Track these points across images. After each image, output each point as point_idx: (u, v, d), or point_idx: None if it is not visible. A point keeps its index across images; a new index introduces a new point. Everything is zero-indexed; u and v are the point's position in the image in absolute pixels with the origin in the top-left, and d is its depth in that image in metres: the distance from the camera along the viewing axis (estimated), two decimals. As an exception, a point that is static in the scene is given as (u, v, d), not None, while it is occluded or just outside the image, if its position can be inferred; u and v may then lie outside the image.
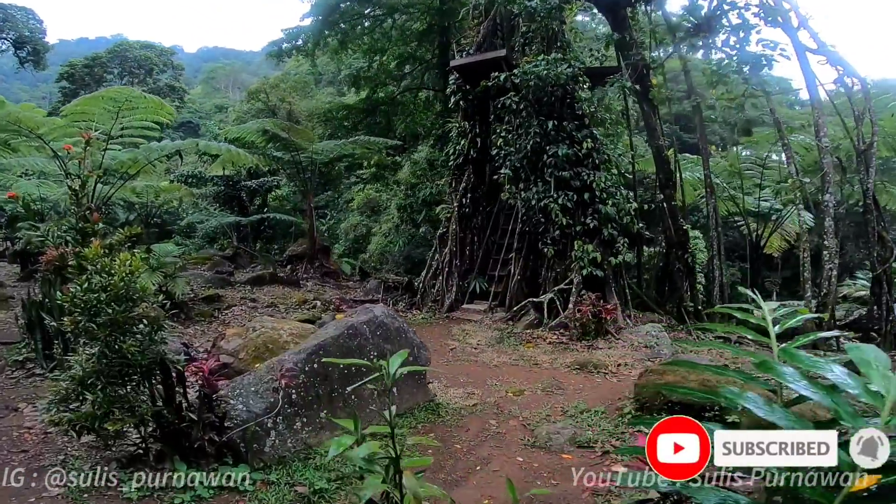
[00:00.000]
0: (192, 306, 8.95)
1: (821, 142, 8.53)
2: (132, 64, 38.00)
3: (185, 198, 17.35)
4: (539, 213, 8.67)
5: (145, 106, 8.70)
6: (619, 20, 10.22)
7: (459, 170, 10.51)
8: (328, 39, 15.99)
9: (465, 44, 10.82)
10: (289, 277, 12.65)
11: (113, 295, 2.88)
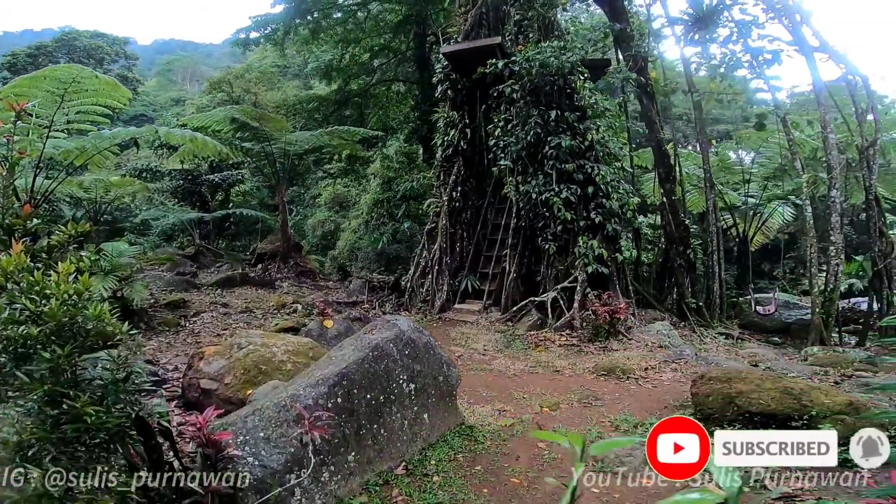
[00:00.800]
0: (154, 314, 7.85)
1: (828, 138, 8.33)
2: (81, 53, 35.30)
3: (140, 193, 15.81)
4: (540, 207, 8.11)
5: (96, 88, 7.56)
6: (617, 12, 9.85)
7: (448, 162, 9.85)
8: (299, 28, 14.99)
9: (451, 32, 10.24)
10: (261, 278, 11.61)
11: (52, 329, 1.91)
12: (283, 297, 10.15)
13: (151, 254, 14.45)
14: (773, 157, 12.89)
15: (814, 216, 9.12)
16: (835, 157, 8.39)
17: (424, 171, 12.64)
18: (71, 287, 1.98)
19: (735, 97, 8.56)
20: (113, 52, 37.03)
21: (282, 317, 8.36)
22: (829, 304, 8.23)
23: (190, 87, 53.21)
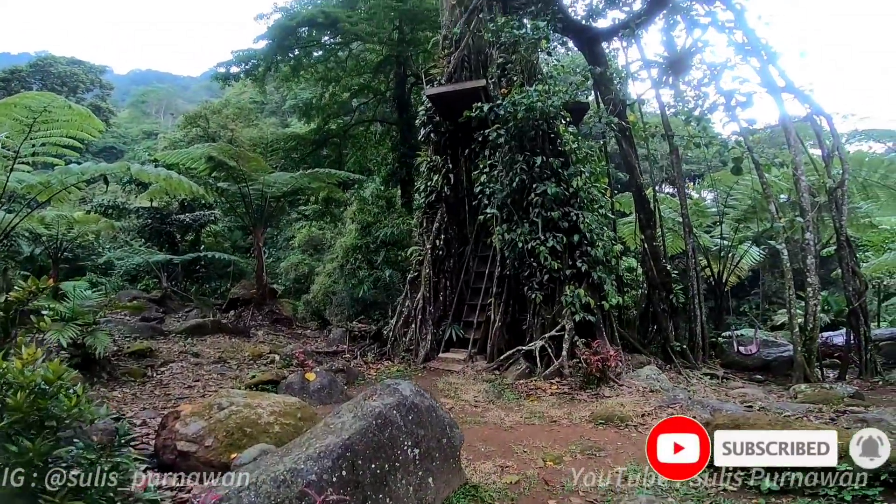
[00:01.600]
0: (118, 363, 7.27)
1: (799, 180, 8.61)
2: (55, 80, 34.53)
3: (104, 231, 15.07)
4: (527, 256, 8.00)
5: (68, 118, 7.24)
6: (596, 55, 10.14)
7: (431, 208, 9.68)
8: (280, 65, 15.01)
9: (434, 73, 10.26)
10: (235, 325, 11.03)
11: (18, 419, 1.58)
12: (259, 346, 9.63)
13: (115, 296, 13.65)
14: (742, 198, 13.35)
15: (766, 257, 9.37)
16: (807, 199, 8.64)
17: (404, 215, 12.49)
18: (38, 375, 1.69)
19: (711, 141, 8.80)
20: (88, 80, 36.40)
21: (259, 368, 7.86)
22: (811, 341, 8.37)
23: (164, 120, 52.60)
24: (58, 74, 34.98)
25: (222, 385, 6.98)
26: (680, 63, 9.21)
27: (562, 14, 9.92)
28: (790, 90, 8.74)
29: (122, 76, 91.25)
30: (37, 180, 7.42)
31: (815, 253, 8.72)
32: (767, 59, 8.72)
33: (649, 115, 14.73)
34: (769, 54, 8.73)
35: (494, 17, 9.32)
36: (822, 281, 14.65)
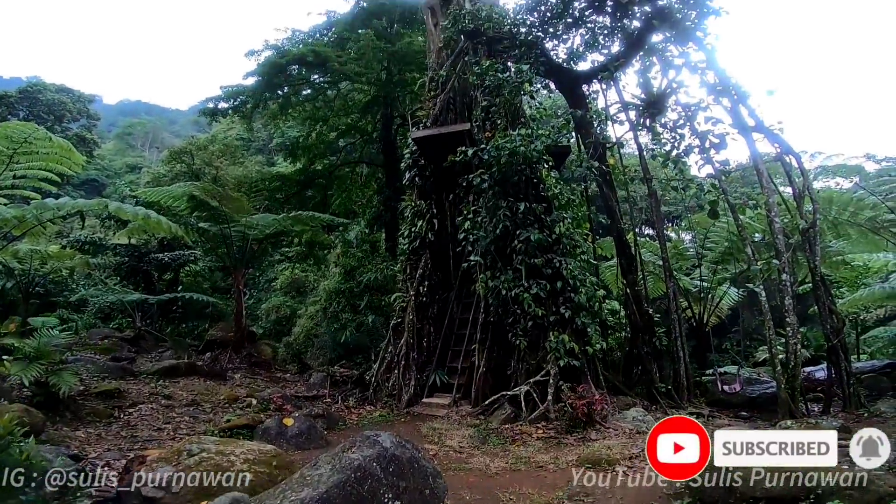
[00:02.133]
0: (83, 403, 6.95)
1: (773, 222, 8.83)
2: (42, 108, 34.34)
3: (79, 267, 14.65)
4: (510, 304, 7.96)
5: (48, 151, 7.18)
6: (577, 97, 10.42)
7: (415, 254, 9.67)
8: (269, 103, 15.19)
9: (420, 115, 10.38)
10: (210, 368, 10.68)
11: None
12: (236, 389, 9.32)
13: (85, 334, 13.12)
14: (719, 241, 13.67)
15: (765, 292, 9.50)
16: (781, 241, 8.84)
17: (388, 260, 12.46)
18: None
19: (688, 184, 9.03)
20: (75, 109, 36.30)
21: (234, 412, 7.59)
22: (793, 378, 8.44)
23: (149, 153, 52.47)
24: (45, 102, 34.91)
25: (194, 429, 6.70)
26: (656, 105, 9.51)
27: (544, 57, 10.18)
28: (760, 130, 8.92)
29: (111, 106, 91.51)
30: (11, 214, 7.20)
31: (792, 293, 8.87)
32: (738, 99, 8.94)
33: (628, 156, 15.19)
34: (739, 94, 8.95)
35: (479, 60, 9.56)
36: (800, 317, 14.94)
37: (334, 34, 16.28)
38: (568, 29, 10.70)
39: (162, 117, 78.56)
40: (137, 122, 65.41)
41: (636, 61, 10.39)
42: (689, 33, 9.35)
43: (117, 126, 64.39)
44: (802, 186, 9.30)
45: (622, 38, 10.41)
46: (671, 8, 9.51)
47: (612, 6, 10.11)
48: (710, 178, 9.03)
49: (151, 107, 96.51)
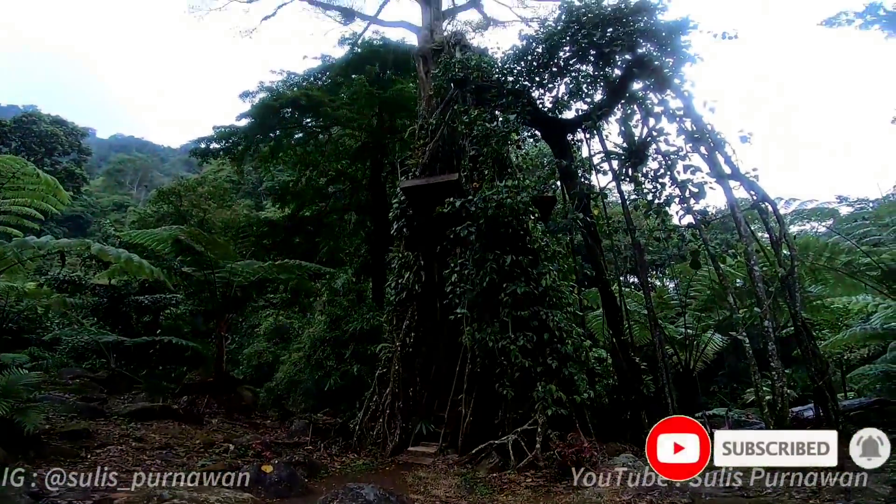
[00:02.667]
0: (48, 442, 6.68)
1: (753, 270, 9.01)
2: (34, 139, 34.25)
3: (54, 306, 14.31)
4: (497, 355, 7.94)
5: (35, 187, 7.16)
6: (562, 147, 10.66)
7: (402, 305, 9.66)
8: (261, 145, 15.38)
9: (409, 164, 10.47)
10: (186, 412, 10.37)
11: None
12: (213, 434, 9.01)
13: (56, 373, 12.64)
14: (702, 289, 13.92)
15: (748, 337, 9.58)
16: (761, 289, 9.01)
17: (374, 310, 12.39)
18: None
19: (670, 234, 9.23)
20: (67, 143, 36.30)
21: (210, 457, 7.30)
22: (782, 419, 8.39)
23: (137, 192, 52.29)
24: (38, 134, 34.89)
25: (167, 473, 6.39)
26: (638, 154, 9.73)
27: (531, 106, 10.44)
28: (736, 177, 9.09)
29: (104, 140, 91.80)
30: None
31: (775, 338, 8.96)
32: (714, 147, 9.14)
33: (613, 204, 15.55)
34: (715, 141, 9.15)
35: (468, 109, 9.78)
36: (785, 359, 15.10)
37: (328, 78, 16.76)
38: (553, 78, 10.96)
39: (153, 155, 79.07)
40: (128, 158, 65.61)
41: (618, 109, 10.60)
42: (667, 80, 9.66)
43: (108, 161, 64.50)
44: (779, 233, 9.55)
45: (604, 87, 10.70)
46: (650, 56, 9.88)
47: (595, 55, 10.42)
48: (691, 227, 9.25)
49: (143, 143, 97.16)
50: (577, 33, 10.18)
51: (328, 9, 19.14)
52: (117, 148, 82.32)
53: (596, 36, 9.96)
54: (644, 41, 10.03)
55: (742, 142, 9.16)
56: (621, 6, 10.15)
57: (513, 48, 10.99)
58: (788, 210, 13.95)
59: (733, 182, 9.25)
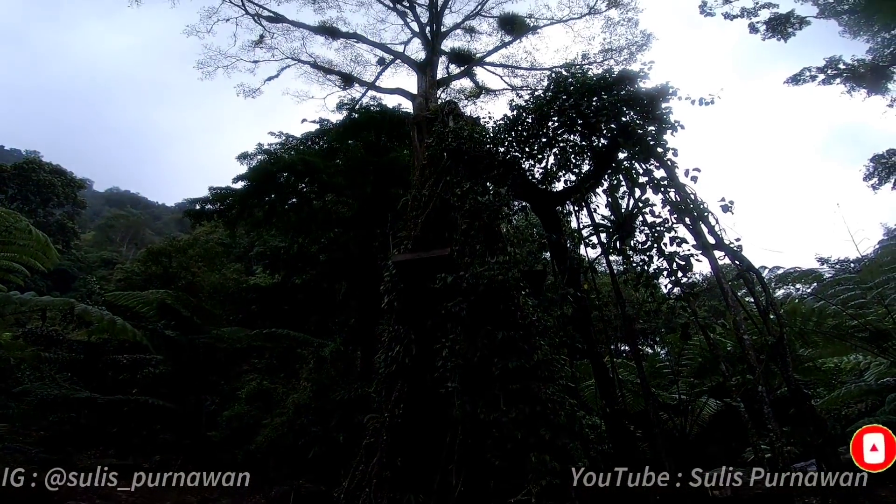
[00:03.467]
0: (-1, 497, 6.15)
1: (743, 339, 9.02)
2: (31, 188, 34.40)
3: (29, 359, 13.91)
4: (489, 427, 7.81)
5: (25, 243, 7.21)
6: (552, 220, 10.82)
7: (392, 377, 9.52)
8: (255, 209, 15.62)
9: (402, 236, 10.61)
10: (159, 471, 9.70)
11: None
12: (185, 496, 8.48)
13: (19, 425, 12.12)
14: (694, 357, 13.88)
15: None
16: (752, 356, 9.03)
17: (363, 379, 12.21)
18: None
19: (659, 307, 9.31)
20: (64, 194, 36.52)
21: (181, 521, 6.79)
22: (787, 481, 8.21)
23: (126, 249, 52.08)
24: (36, 182, 35.08)
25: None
26: (625, 227, 9.97)
27: (522, 178, 10.68)
28: (720, 247, 9.20)
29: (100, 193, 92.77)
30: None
31: (769, 401, 8.86)
32: (697, 217, 9.25)
33: (602, 275, 15.72)
34: (699, 212, 9.27)
35: (461, 181, 9.97)
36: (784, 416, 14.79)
37: (325, 143, 17.33)
38: (543, 149, 11.12)
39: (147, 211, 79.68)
40: (121, 214, 65.98)
41: (605, 180, 10.73)
42: (651, 149, 9.83)
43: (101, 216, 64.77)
44: (765, 302, 9.68)
45: (591, 157, 10.88)
46: (633, 124, 10.09)
47: (582, 125, 10.62)
48: (679, 300, 9.29)
49: (138, 199, 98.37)
50: (565, 103, 10.46)
51: (329, 73, 20.21)
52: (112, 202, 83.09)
53: (582, 105, 10.25)
54: (628, 109, 10.27)
55: (724, 211, 9.38)
56: (606, 76, 10.58)
57: (504, 118, 11.31)
58: (774, 276, 14.19)
59: (718, 252, 9.48)
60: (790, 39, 23.96)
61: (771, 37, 24.33)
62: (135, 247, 51.50)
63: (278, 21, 19.13)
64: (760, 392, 8.92)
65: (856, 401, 14.94)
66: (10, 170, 35.12)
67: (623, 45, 20.99)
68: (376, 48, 19.97)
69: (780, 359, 9.25)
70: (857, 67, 23.98)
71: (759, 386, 9.00)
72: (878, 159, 26.01)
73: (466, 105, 22.34)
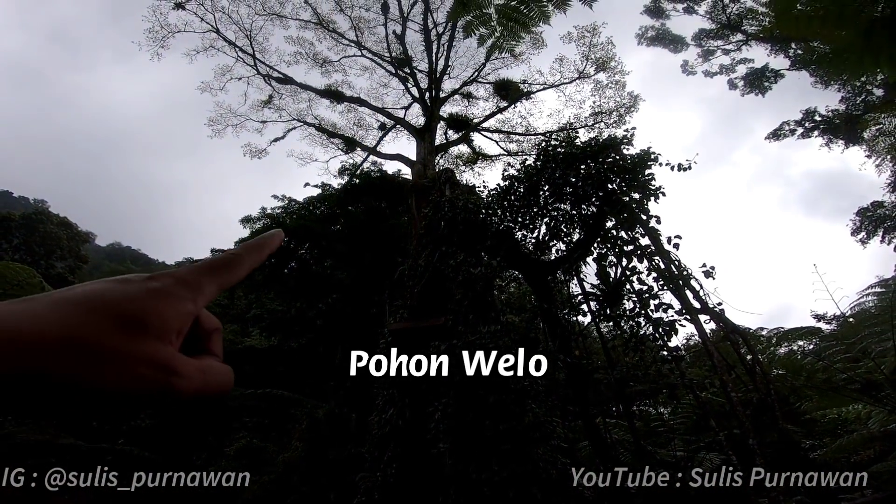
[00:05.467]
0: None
1: (731, 397, 9.30)
2: (37, 238, 34.44)
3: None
4: (481, 486, 8.00)
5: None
6: (543, 289, 11.20)
7: (385, 438, 9.74)
8: (255, 273, 15.97)
9: (398, 305, 10.99)
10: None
11: None
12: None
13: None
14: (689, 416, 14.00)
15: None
16: (741, 411, 9.24)
17: (356, 440, 12.25)
18: None
19: (647, 369, 9.59)
20: (68, 248, 36.66)
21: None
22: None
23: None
24: (42, 234, 35.19)
25: None
26: (613, 295, 10.41)
27: (515, 249, 11.16)
28: (705, 311, 9.60)
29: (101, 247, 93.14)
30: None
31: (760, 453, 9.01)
32: (682, 283, 9.69)
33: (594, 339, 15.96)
34: (682, 278, 9.70)
35: (456, 252, 10.45)
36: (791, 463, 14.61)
37: (326, 208, 18.06)
38: (534, 219, 11.63)
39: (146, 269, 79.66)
40: (120, 269, 66.20)
41: (595, 248, 11.14)
42: (635, 217, 10.28)
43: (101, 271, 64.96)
44: (751, 361, 9.95)
45: (581, 226, 11.36)
46: (619, 192, 10.53)
47: (570, 193, 11.15)
48: (667, 364, 9.59)
49: (139, 255, 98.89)
50: (554, 172, 10.97)
51: (333, 136, 21.33)
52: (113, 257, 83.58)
53: (570, 174, 10.77)
54: (614, 177, 10.69)
55: (706, 277, 9.85)
56: (591, 143, 11.03)
57: (497, 187, 11.89)
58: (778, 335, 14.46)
59: (703, 316, 9.86)
60: (767, 94, 25.00)
61: (749, 92, 25.52)
62: (132, 303, 50.99)
63: (287, 83, 20.47)
64: (751, 444, 9.13)
65: (864, 448, 14.90)
66: (17, 219, 35.57)
67: (612, 108, 22.06)
68: (378, 113, 21.33)
69: (771, 412, 9.48)
70: (832, 118, 24.80)
71: (750, 439, 9.21)
72: (863, 213, 25.16)
73: (464, 171, 23.39)
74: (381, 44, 21.62)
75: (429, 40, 20.23)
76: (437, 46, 20.44)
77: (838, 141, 25.44)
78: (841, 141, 25.35)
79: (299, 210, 17.90)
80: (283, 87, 21.12)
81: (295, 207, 18.21)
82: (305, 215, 16.93)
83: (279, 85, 20.96)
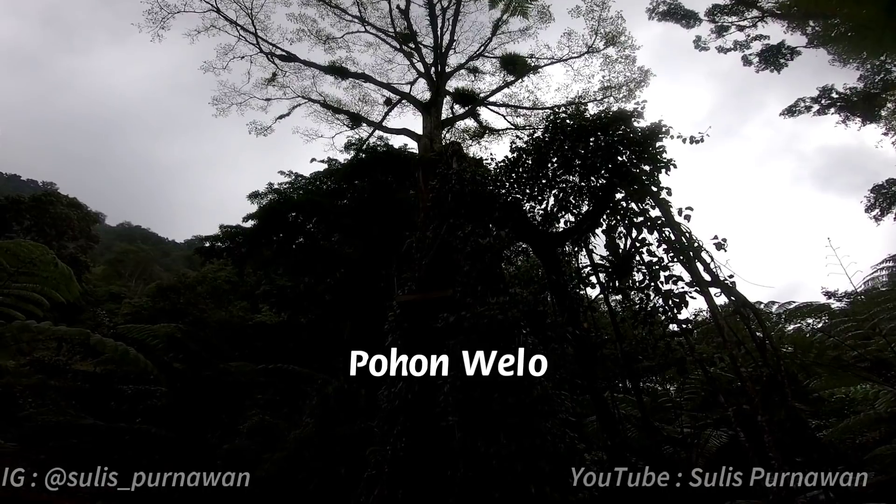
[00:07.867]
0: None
1: (740, 372, 9.21)
2: (48, 220, 34.91)
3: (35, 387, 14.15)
4: (490, 459, 8.02)
5: (48, 275, 7.36)
6: (552, 260, 11.04)
7: (395, 412, 9.73)
8: (264, 248, 16.03)
9: (406, 278, 10.93)
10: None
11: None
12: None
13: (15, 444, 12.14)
14: (696, 391, 13.93)
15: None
16: (750, 387, 9.16)
17: (366, 414, 12.36)
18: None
19: (657, 343, 9.48)
20: (79, 228, 37.09)
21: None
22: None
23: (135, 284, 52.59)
24: (53, 215, 35.62)
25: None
26: (623, 266, 10.27)
27: (523, 220, 11.00)
28: (715, 284, 9.27)
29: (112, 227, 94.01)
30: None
31: (768, 430, 8.94)
32: (693, 255, 9.37)
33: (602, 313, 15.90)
34: (693, 250, 9.39)
35: (464, 224, 10.26)
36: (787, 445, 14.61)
37: (333, 183, 17.96)
38: (542, 190, 11.44)
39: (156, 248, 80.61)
40: (131, 249, 66.85)
41: (603, 220, 10.90)
42: (646, 189, 10.01)
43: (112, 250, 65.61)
44: (762, 337, 9.83)
45: (590, 198, 11.10)
46: (629, 164, 10.27)
47: (580, 165, 10.84)
48: (676, 337, 9.46)
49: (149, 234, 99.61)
50: (563, 144, 10.74)
51: (338, 112, 21.05)
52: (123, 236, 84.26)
53: (579, 147, 10.52)
54: (623, 149, 10.43)
55: (717, 249, 9.56)
56: (601, 116, 10.79)
57: (505, 159, 11.65)
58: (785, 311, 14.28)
59: (714, 289, 9.68)
60: (783, 70, 24.05)
61: (764, 68, 24.53)
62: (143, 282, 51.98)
63: (290, 60, 20.17)
64: (760, 421, 9.07)
65: (869, 429, 14.82)
66: (27, 201, 35.97)
67: (622, 83, 21.46)
68: (383, 88, 20.98)
69: (780, 391, 9.40)
70: (849, 96, 24.04)
71: (759, 416, 9.14)
72: (878, 189, 24.76)
73: (471, 145, 23.05)
74: (385, 19, 21.14)
75: (433, 14, 19.75)
76: (443, 21, 19.93)
77: (855, 118, 24.80)
78: (858, 118, 24.72)
79: (306, 185, 17.83)
80: (286, 64, 20.81)
81: (302, 183, 18.15)
82: (312, 190, 16.86)
83: (283, 63, 20.66)
